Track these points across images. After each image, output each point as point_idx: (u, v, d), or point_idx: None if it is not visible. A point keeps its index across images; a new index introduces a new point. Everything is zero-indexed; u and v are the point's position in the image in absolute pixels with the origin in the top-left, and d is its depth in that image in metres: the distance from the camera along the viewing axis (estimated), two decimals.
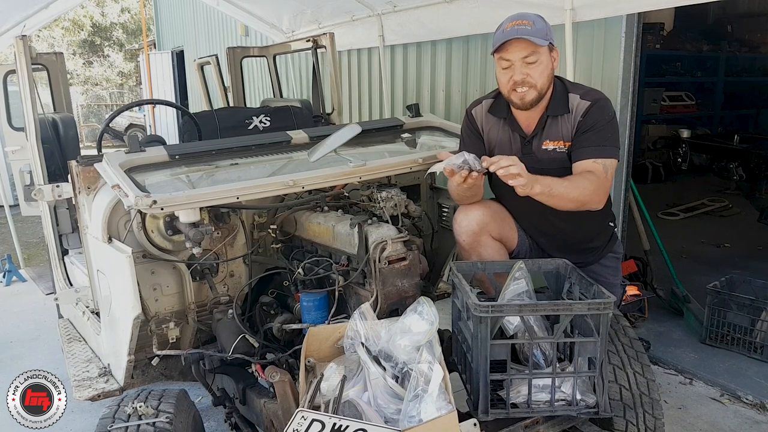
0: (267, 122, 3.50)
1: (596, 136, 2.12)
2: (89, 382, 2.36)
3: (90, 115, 21.39)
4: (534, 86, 2.11)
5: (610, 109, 2.18)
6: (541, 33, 2.07)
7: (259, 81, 7.56)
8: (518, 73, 2.10)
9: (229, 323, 2.20)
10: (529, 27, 2.05)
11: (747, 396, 2.94)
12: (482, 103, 2.37)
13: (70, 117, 3.75)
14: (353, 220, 2.15)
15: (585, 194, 2.07)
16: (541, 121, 2.20)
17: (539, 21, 2.10)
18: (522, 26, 2.06)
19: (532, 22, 2.07)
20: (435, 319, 1.81)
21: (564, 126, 2.18)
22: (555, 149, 2.19)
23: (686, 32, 8.22)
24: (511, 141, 2.27)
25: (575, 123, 2.16)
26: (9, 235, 5.60)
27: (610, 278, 2.39)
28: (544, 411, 1.81)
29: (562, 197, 2.05)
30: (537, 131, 2.22)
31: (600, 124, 2.13)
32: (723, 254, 5.00)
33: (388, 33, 4.65)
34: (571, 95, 2.19)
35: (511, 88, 2.14)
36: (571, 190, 2.05)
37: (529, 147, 2.23)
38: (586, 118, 2.14)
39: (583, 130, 2.14)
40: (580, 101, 2.16)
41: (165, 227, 2.19)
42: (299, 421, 1.52)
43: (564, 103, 2.18)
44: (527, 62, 2.08)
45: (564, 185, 2.05)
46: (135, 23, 23.51)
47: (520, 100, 2.14)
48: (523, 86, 2.11)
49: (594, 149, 2.11)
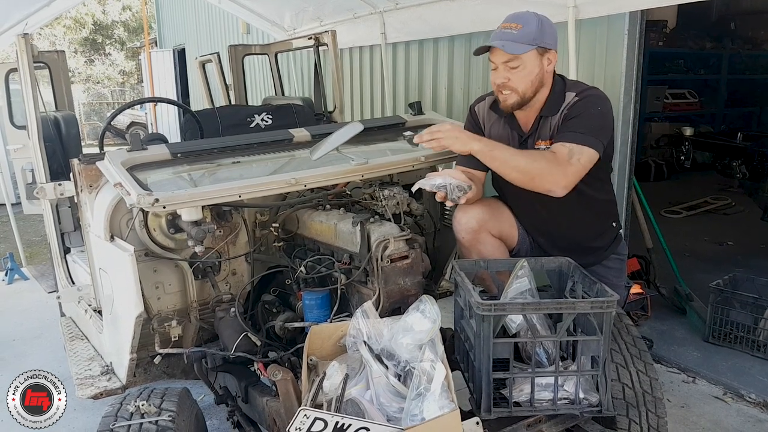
0: (269, 120, 3.49)
1: (573, 123, 2.09)
2: (92, 380, 2.36)
3: (91, 113, 21.41)
4: (515, 90, 2.11)
5: (599, 103, 2.12)
6: (526, 38, 2.04)
7: (260, 79, 7.55)
8: (499, 76, 2.13)
9: (232, 321, 2.20)
10: (514, 32, 2.04)
11: (750, 394, 2.94)
12: (485, 99, 2.38)
13: (71, 115, 3.75)
14: (355, 219, 2.14)
15: (533, 168, 2.02)
16: (536, 120, 2.21)
17: (531, 24, 2.06)
18: (508, 30, 2.06)
19: (522, 25, 2.05)
20: (437, 317, 1.81)
21: (553, 124, 2.17)
22: (546, 149, 2.17)
23: (689, 30, 8.19)
24: (509, 139, 2.27)
25: (561, 116, 2.15)
26: (11, 234, 5.61)
27: (613, 280, 2.36)
28: (546, 410, 1.81)
29: (504, 163, 2.07)
30: (532, 131, 2.22)
31: (582, 115, 2.09)
32: (726, 252, 4.99)
33: (390, 30, 4.64)
34: (568, 93, 2.17)
35: (496, 89, 2.18)
36: (517, 159, 2.05)
37: (525, 146, 2.23)
38: (570, 110, 2.13)
39: (565, 121, 2.13)
40: (572, 98, 2.15)
41: (167, 225, 2.19)
42: (302, 419, 1.52)
43: (559, 103, 2.17)
44: (509, 67, 2.09)
45: (510, 152, 2.07)
46: (136, 21, 23.50)
47: (503, 102, 2.18)
48: (505, 89, 2.13)
49: (567, 134, 2.08)
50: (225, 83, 4.58)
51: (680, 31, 8.13)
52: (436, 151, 2.18)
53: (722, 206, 6.36)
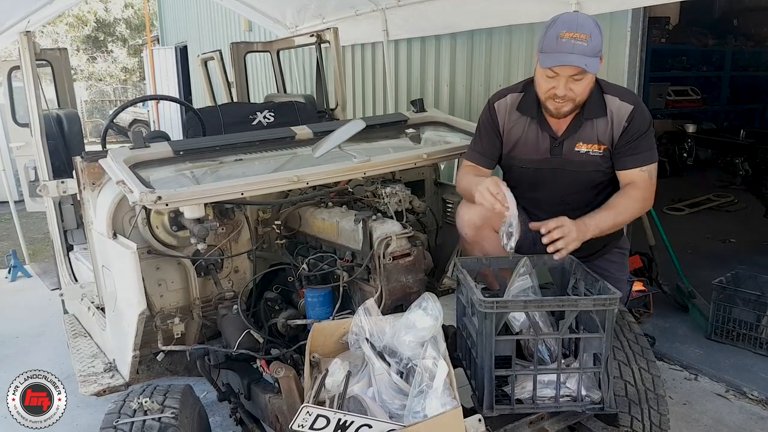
0: (271, 118, 3.49)
1: (643, 143, 2.10)
2: (95, 377, 2.36)
3: (94, 110, 21.43)
4: (573, 100, 2.05)
5: (648, 111, 2.14)
6: (595, 50, 1.94)
7: (262, 76, 7.55)
8: (562, 88, 2.00)
9: (234, 319, 2.21)
10: (585, 44, 1.91)
11: (752, 392, 2.93)
12: (507, 96, 2.26)
13: (74, 113, 3.75)
14: (358, 216, 2.14)
15: (634, 214, 2.14)
16: (576, 122, 2.14)
17: (596, 32, 1.94)
18: (580, 42, 1.91)
19: (589, 35, 1.92)
20: (439, 314, 1.81)
21: (600, 129, 2.12)
22: (588, 152, 2.15)
23: (692, 26, 8.16)
24: (539, 140, 2.20)
25: (619, 127, 2.10)
26: (14, 231, 5.61)
27: (616, 273, 2.36)
28: (549, 407, 1.82)
29: (614, 227, 2.10)
30: (569, 133, 2.15)
31: (644, 129, 2.10)
32: (728, 249, 4.98)
33: (392, 28, 4.63)
34: (608, 97, 2.12)
35: (549, 96, 2.06)
36: (621, 217, 2.10)
37: (560, 148, 2.17)
38: (631, 124, 2.09)
39: (629, 137, 2.10)
40: (620, 104, 2.11)
41: (170, 223, 2.19)
42: (304, 416, 1.52)
43: (601, 105, 2.11)
44: (574, 79, 1.99)
45: (613, 216, 2.07)
46: (138, 19, 23.50)
47: (556, 110, 2.08)
48: (564, 99, 2.04)
49: (641, 156, 2.10)
50: (227, 81, 4.58)
51: (683, 28, 8.09)
52: None
53: (725, 203, 6.35)
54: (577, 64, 1.93)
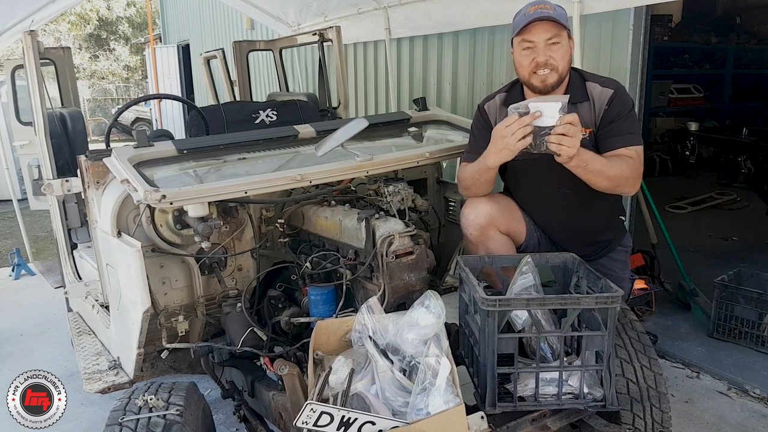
0: (274, 116, 3.49)
1: (625, 124, 2.14)
2: (99, 374, 2.37)
3: (96, 109, 21.45)
4: (555, 68, 2.11)
5: (630, 96, 2.22)
6: (562, 17, 2.10)
7: (265, 75, 7.56)
8: (541, 54, 2.10)
9: (238, 317, 2.21)
10: (551, 10, 2.08)
11: (754, 390, 2.94)
12: (495, 97, 2.36)
13: (77, 111, 3.76)
14: (360, 215, 2.15)
15: (622, 175, 2.08)
16: None
17: (559, 8, 2.13)
18: (545, 10, 2.08)
19: (553, 7, 2.11)
20: (442, 312, 1.82)
21: (585, 113, 2.17)
22: (584, 136, 2.17)
23: (694, 24, 8.15)
24: None
25: (600, 111, 2.16)
26: (18, 229, 5.63)
27: (618, 272, 2.38)
28: (551, 404, 1.82)
29: (598, 174, 2.05)
30: None
31: (625, 112, 2.15)
32: (731, 248, 4.98)
33: (395, 26, 4.64)
34: (589, 83, 2.20)
35: (532, 70, 2.13)
36: (608, 168, 2.06)
37: None
38: (611, 106, 2.15)
39: (610, 118, 2.15)
40: (602, 89, 2.17)
41: (174, 221, 2.20)
42: (308, 413, 1.53)
43: (582, 91, 2.19)
44: (550, 43, 2.09)
45: (602, 162, 2.06)
46: (141, 17, 23.52)
47: (542, 82, 2.13)
48: (546, 68, 2.11)
49: (626, 137, 2.13)
50: (230, 79, 4.58)
51: (685, 26, 8.08)
52: (556, 135, 1.90)
53: (727, 201, 6.33)
54: (547, 15, 2.06)
